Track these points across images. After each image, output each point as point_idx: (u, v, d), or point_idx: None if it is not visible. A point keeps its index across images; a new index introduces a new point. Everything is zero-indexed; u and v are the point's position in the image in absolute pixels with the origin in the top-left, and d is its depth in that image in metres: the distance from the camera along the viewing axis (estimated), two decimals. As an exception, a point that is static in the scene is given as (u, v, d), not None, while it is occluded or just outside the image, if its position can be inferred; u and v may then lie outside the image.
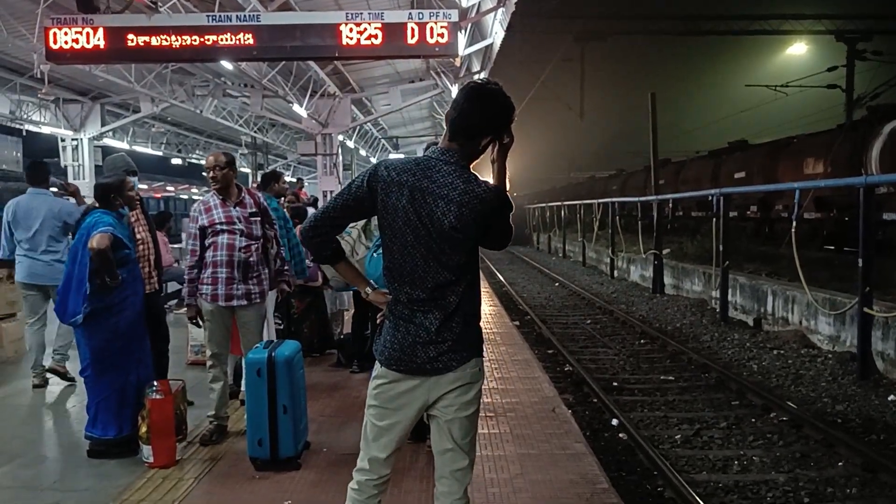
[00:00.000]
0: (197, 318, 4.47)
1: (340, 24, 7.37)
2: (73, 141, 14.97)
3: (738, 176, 18.09)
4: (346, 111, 15.24)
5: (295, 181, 20.92)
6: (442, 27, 7.36)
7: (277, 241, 4.80)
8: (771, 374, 8.01)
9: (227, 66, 11.67)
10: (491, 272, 20.54)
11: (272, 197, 5.84)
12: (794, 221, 9.52)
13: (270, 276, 4.64)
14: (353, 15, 7.44)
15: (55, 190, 6.49)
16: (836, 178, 12.08)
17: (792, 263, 9.23)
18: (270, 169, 19.75)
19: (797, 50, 30.66)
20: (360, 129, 22.27)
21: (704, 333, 10.40)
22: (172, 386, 4.25)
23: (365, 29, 7.35)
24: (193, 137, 23.20)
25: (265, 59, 10.02)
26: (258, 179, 13.57)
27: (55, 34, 7.25)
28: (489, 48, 12.07)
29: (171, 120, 19.53)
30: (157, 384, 4.13)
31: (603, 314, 12.73)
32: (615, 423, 6.25)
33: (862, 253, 7.58)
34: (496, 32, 11.00)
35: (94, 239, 4.01)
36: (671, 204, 21.28)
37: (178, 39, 7.33)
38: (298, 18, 7.71)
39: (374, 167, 2.40)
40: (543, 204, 35.53)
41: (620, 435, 6.01)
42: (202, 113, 15.78)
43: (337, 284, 5.40)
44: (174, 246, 10.62)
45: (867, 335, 7.55)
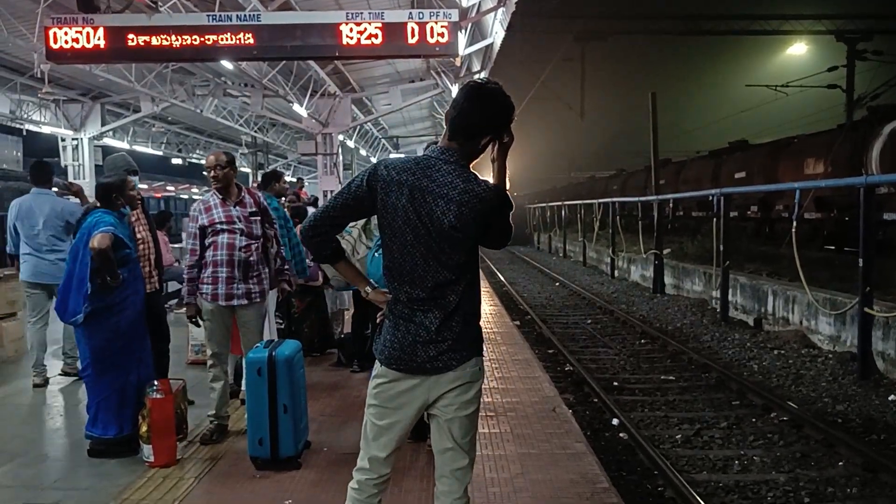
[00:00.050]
0: (196, 316, 4.48)
1: (341, 23, 7.36)
2: (73, 141, 14.95)
3: (738, 176, 18.08)
4: (346, 111, 15.24)
5: (295, 181, 20.91)
6: (442, 27, 7.35)
7: (277, 240, 4.81)
8: (771, 374, 8.01)
9: (227, 65, 11.66)
10: (491, 272, 20.54)
11: (272, 196, 5.85)
12: (794, 221, 9.52)
13: (270, 275, 4.64)
14: (353, 14, 7.44)
15: (55, 190, 6.50)
16: (836, 178, 12.08)
17: (792, 263, 9.23)
18: (271, 168, 19.75)
19: (797, 50, 30.73)
20: (360, 128, 22.27)
21: (705, 333, 10.40)
22: (173, 385, 4.25)
23: (365, 28, 7.34)
24: (194, 137, 23.20)
25: (265, 58, 10.02)
26: (258, 179, 13.58)
27: (55, 34, 7.24)
28: (489, 48, 12.07)
29: (171, 119, 19.51)
30: (157, 383, 4.13)
31: (603, 314, 12.72)
32: (615, 422, 6.26)
33: (862, 253, 7.59)
34: (496, 32, 11.00)
35: (95, 239, 4.01)
36: (672, 204, 21.27)
37: (178, 39, 7.33)
38: (299, 18, 7.70)
39: (373, 166, 2.40)
40: (544, 204, 35.52)
41: (621, 435, 6.01)
42: (202, 112, 15.76)
43: (338, 284, 5.41)
44: (174, 245, 10.62)
45: (867, 335, 7.56)
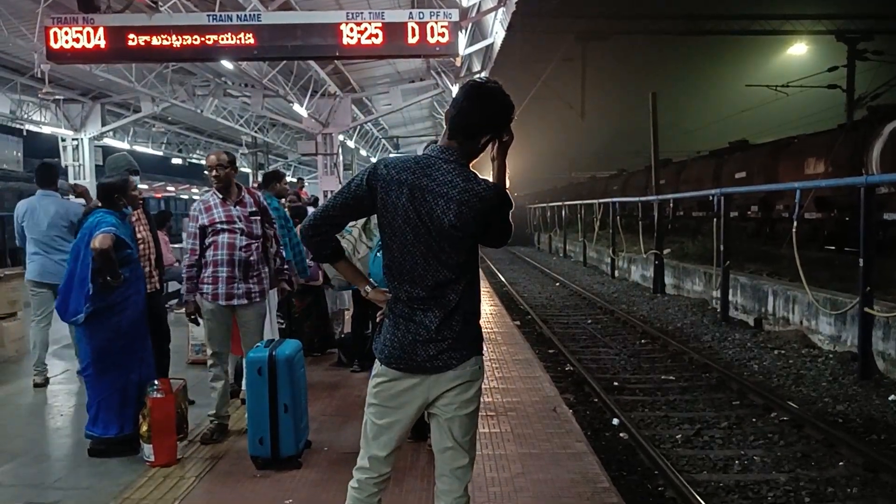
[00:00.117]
0: (195, 314, 4.48)
1: (341, 23, 7.37)
2: (73, 141, 14.92)
3: (738, 176, 18.08)
4: (346, 111, 15.24)
5: (296, 181, 20.91)
6: (442, 27, 7.35)
7: (277, 239, 4.81)
8: (772, 373, 8.00)
9: (227, 65, 11.66)
10: (492, 272, 20.54)
11: (272, 196, 5.85)
12: (794, 221, 9.53)
13: (270, 274, 4.64)
14: (353, 14, 7.44)
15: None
16: (836, 178, 12.07)
17: (793, 263, 9.23)
18: (273, 168, 19.74)
19: (798, 50, 30.72)
20: (360, 128, 22.27)
21: (705, 333, 10.40)
22: (173, 385, 4.26)
23: (365, 28, 7.35)
24: (194, 137, 23.19)
25: (266, 58, 10.02)
26: (259, 179, 13.58)
27: (56, 34, 7.25)
28: (490, 48, 12.07)
29: (171, 120, 19.49)
30: (158, 383, 4.14)
31: (604, 314, 12.72)
32: (616, 422, 6.25)
33: (863, 253, 7.59)
34: (497, 32, 10.99)
35: (96, 239, 4.01)
36: (672, 204, 21.27)
37: (178, 39, 7.33)
38: (299, 18, 7.71)
39: (373, 165, 2.40)
40: (544, 204, 35.52)
41: (621, 434, 6.01)
42: (203, 113, 15.75)
43: (338, 284, 5.41)
44: (175, 246, 10.62)
45: (868, 335, 7.56)
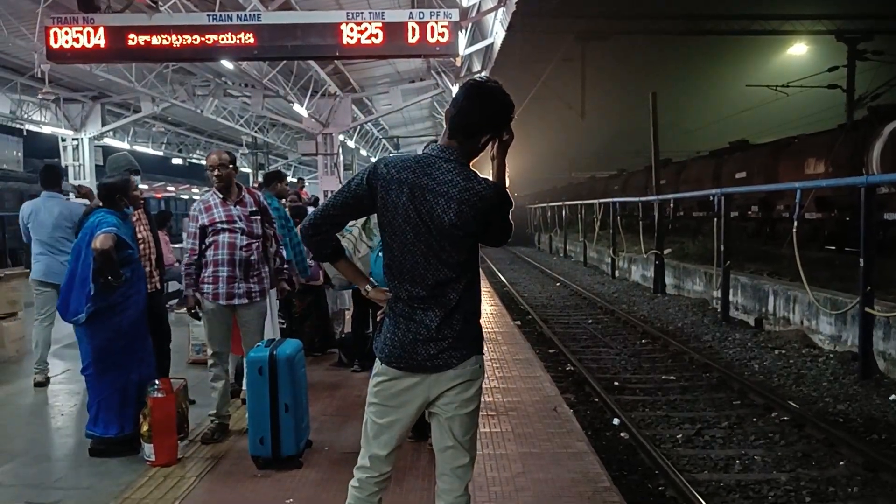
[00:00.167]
0: (196, 308, 4.46)
1: (341, 23, 7.37)
2: (73, 141, 14.94)
3: (739, 176, 18.08)
4: (346, 111, 15.24)
5: (296, 181, 20.91)
6: (443, 27, 7.36)
7: (277, 239, 4.81)
8: (772, 373, 8.00)
9: (227, 65, 11.66)
10: (492, 272, 20.53)
11: (273, 196, 5.85)
12: (795, 221, 9.52)
13: (270, 274, 4.64)
14: (353, 14, 7.45)
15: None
16: (837, 178, 12.07)
17: (793, 263, 9.22)
18: (274, 168, 19.75)
19: (798, 50, 30.73)
20: (360, 128, 22.28)
21: (706, 333, 10.39)
22: (174, 384, 4.25)
23: (366, 28, 7.35)
24: (194, 137, 23.21)
25: (266, 58, 10.02)
26: (259, 179, 13.57)
27: (56, 33, 7.25)
28: (490, 48, 12.07)
29: (171, 120, 19.51)
30: (158, 383, 4.13)
31: (604, 314, 12.72)
32: (617, 422, 6.25)
33: (863, 253, 7.58)
34: (497, 32, 11.00)
35: (97, 239, 4.01)
36: (672, 204, 21.27)
37: (178, 39, 7.34)
38: (299, 18, 7.71)
39: (373, 165, 2.40)
40: (544, 204, 35.50)
41: (622, 434, 6.01)
42: (203, 113, 15.77)
43: (339, 283, 5.40)
44: (175, 246, 10.62)
45: (868, 335, 7.55)
